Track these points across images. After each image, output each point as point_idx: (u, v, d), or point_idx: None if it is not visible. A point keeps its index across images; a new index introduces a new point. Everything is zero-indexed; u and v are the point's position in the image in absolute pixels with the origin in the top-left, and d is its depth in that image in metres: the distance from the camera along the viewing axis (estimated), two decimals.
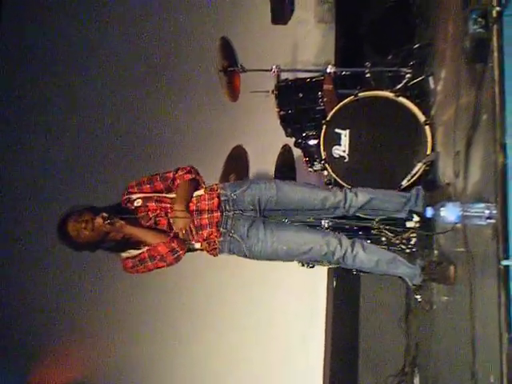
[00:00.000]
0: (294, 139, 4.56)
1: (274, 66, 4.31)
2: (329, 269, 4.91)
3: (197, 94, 5.66)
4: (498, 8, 2.49)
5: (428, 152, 3.68)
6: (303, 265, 4.09)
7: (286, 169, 4.69)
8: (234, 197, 3.34)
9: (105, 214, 3.09)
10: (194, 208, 3.28)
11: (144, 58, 5.87)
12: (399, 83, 4.09)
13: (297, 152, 4.73)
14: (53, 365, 5.75)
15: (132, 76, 5.82)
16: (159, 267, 3.23)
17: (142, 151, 5.51)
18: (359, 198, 3.41)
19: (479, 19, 2.58)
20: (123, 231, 3.18)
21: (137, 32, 5.90)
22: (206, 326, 5.31)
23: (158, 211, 3.26)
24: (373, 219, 3.65)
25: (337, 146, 4.00)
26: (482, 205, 2.50)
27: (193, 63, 5.71)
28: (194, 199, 3.33)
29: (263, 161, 5.07)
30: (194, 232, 3.27)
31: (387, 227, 3.73)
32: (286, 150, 4.79)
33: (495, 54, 2.51)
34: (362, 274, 4.29)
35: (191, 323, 5.36)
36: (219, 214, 3.28)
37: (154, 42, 5.89)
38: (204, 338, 5.32)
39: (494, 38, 2.53)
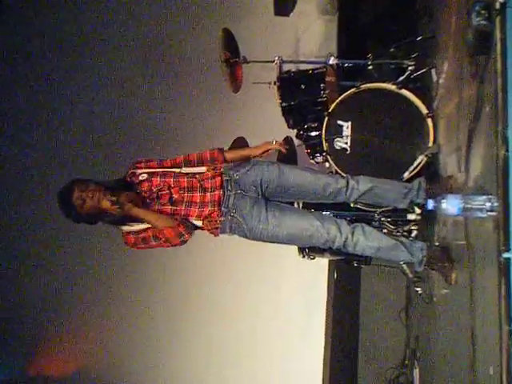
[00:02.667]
0: (295, 131, 4.55)
1: (276, 58, 4.30)
2: (330, 261, 4.92)
3: (199, 84, 5.66)
4: (501, 0, 2.48)
5: (430, 144, 3.68)
6: (304, 256, 4.10)
7: (287, 160, 4.68)
8: (237, 177, 3.34)
9: (113, 198, 3.09)
10: (198, 185, 3.29)
11: (147, 49, 5.86)
12: (402, 75, 4.08)
13: (299, 144, 4.72)
14: (52, 354, 5.77)
15: (134, 66, 5.82)
16: (163, 247, 3.24)
17: (143, 141, 5.51)
18: (361, 185, 3.40)
19: (482, 11, 2.57)
20: (130, 214, 3.17)
21: (140, 22, 5.90)
22: (205, 316, 5.33)
23: (162, 185, 3.28)
24: (374, 211, 3.66)
25: (339, 138, 3.99)
26: (484, 197, 2.49)
27: (195, 54, 5.70)
28: (197, 176, 3.34)
29: None
30: (197, 208, 3.27)
31: (388, 219, 3.75)
32: (287, 141, 4.78)
33: (498, 46, 2.50)
34: (362, 266, 4.30)
35: (191, 313, 5.37)
36: (221, 192, 3.29)
37: (157, 32, 5.89)
38: (204, 328, 5.34)
39: (497, 30, 2.52)
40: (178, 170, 3.38)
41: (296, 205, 3.73)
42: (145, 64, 5.82)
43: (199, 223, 3.30)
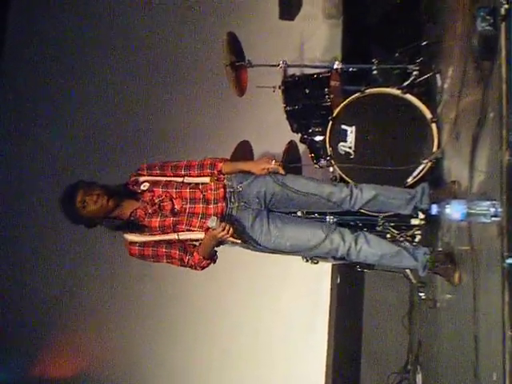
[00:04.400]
0: (299, 135, 4.55)
1: (281, 62, 4.30)
2: (333, 265, 4.92)
3: (204, 88, 5.66)
4: (506, 5, 2.48)
5: (434, 149, 3.67)
6: (307, 260, 4.10)
7: (291, 165, 4.68)
8: (240, 189, 3.32)
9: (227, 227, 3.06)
10: (201, 196, 3.28)
11: (152, 52, 5.87)
12: (406, 80, 4.08)
13: (302, 148, 4.73)
14: (56, 356, 5.78)
15: (139, 70, 5.83)
16: (173, 265, 3.29)
17: (148, 145, 5.52)
18: (364, 193, 3.38)
19: (487, 17, 2.57)
20: (213, 238, 3.13)
21: (145, 26, 5.91)
22: (209, 321, 5.33)
23: (163, 196, 3.27)
24: (377, 216, 3.65)
25: (343, 143, 3.99)
26: (488, 202, 2.49)
27: (200, 57, 5.71)
28: (200, 187, 3.32)
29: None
30: (198, 219, 3.25)
31: (392, 224, 3.74)
32: (291, 145, 4.78)
33: (503, 52, 2.50)
34: (366, 270, 4.29)
35: (194, 316, 5.38)
36: (224, 204, 3.27)
37: (162, 36, 5.90)
38: (207, 332, 5.34)
39: (502, 36, 2.52)
40: (180, 180, 3.35)
41: (299, 213, 3.72)
42: (149, 67, 5.83)
43: (201, 235, 3.25)
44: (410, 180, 3.71)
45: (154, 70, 5.83)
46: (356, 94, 3.97)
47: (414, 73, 4.07)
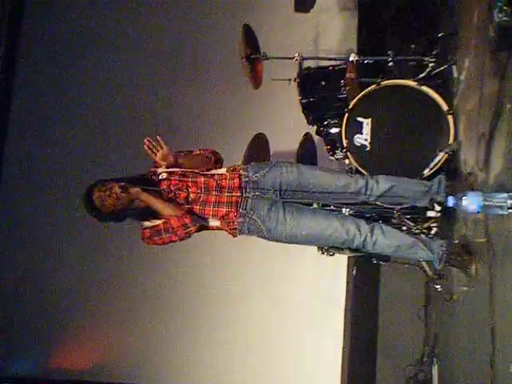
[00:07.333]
0: (315, 127, 4.55)
1: (296, 54, 4.30)
2: (349, 257, 4.91)
3: (219, 81, 5.67)
4: None
5: (450, 141, 3.66)
6: (323, 253, 4.10)
7: (307, 157, 4.69)
8: (255, 178, 3.35)
9: (121, 183, 3.16)
10: (215, 184, 3.32)
11: (168, 45, 5.88)
12: (422, 72, 4.07)
13: (318, 140, 4.73)
14: (72, 349, 5.83)
15: (156, 62, 5.85)
16: (172, 241, 3.26)
17: (164, 138, 5.53)
18: (380, 185, 3.39)
19: (504, 7, 2.56)
20: (139, 199, 3.22)
21: (160, 18, 5.92)
22: (225, 310, 5.35)
23: (180, 185, 3.31)
24: (393, 208, 3.64)
25: (358, 135, 3.98)
26: (504, 194, 2.48)
27: (216, 50, 5.71)
28: (216, 176, 3.37)
29: (284, 149, 5.07)
30: (211, 207, 3.29)
31: (408, 216, 3.74)
32: (307, 138, 4.79)
33: None
34: (381, 263, 4.29)
35: (210, 306, 5.40)
36: (239, 194, 3.30)
37: (178, 29, 5.91)
38: (223, 322, 5.36)
39: None
40: (197, 170, 3.41)
41: (315, 204, 3.73)
42: (165, 61, 5.84)
43: (217, 223, 3.33)
44: (426, 172, 3.70)
45: (170, 63, 5.84)
46: (372, 86, 3.96)
47: (430, 64, 4.05)
